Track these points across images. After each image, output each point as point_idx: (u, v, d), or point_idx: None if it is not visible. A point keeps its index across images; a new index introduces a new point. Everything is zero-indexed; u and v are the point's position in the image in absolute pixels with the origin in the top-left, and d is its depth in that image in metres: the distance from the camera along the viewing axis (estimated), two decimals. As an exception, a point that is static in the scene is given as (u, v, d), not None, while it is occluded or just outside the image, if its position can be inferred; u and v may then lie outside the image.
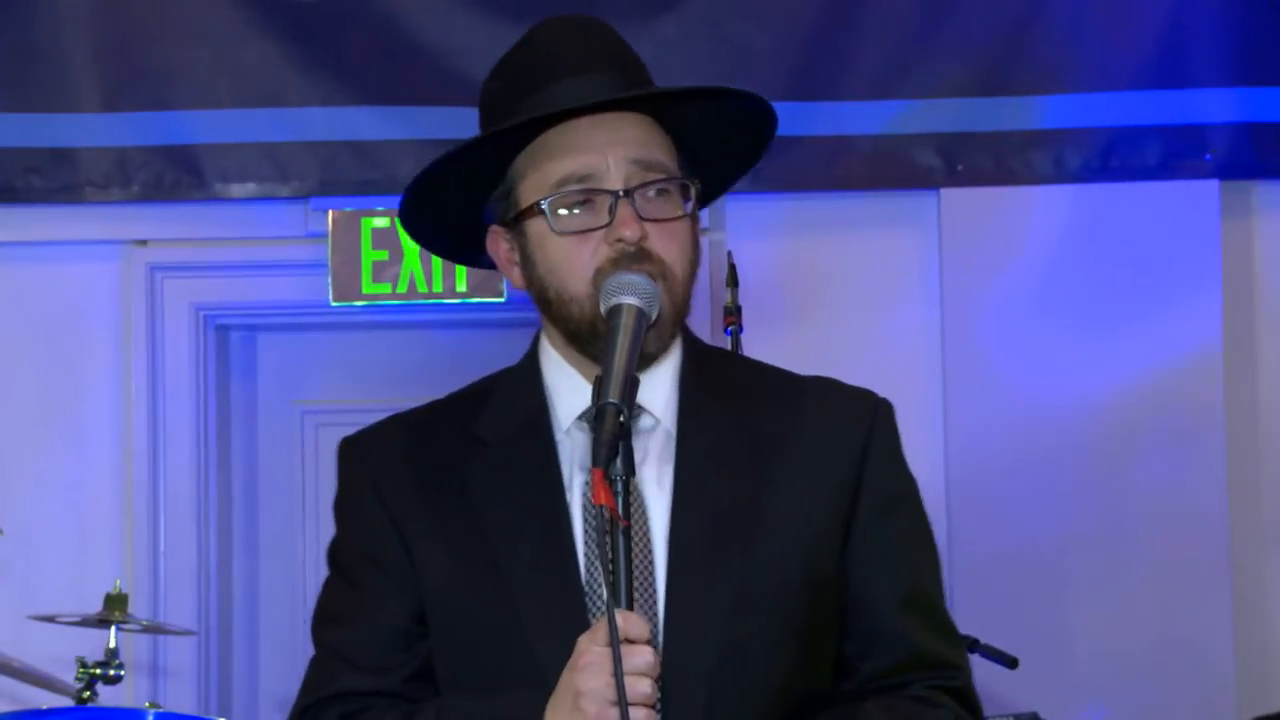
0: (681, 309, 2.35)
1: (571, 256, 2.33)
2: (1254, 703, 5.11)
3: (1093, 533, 5.20)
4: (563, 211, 2.33)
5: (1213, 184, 5.26)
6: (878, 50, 5.25)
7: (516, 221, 2.38)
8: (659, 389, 2.38)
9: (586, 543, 2.30)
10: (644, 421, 2.36)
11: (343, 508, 2.47)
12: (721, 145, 2.44)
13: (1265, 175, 5.31)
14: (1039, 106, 5.25)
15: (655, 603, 2.28)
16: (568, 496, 2.34)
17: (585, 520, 2.31)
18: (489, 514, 2.34)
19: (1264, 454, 5.30)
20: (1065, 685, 5.08)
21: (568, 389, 2.40)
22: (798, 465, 2.35)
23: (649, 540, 2.31)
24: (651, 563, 2.30)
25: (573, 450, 2.37)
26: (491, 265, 2.49)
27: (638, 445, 2.30)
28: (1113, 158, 5.26)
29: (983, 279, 5.26)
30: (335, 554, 2.46)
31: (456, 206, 2.45)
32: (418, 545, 2.36)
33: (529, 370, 2.47)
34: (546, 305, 2.38)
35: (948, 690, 2.36)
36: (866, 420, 2.39)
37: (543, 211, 2.33)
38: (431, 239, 2.56)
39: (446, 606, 2.34)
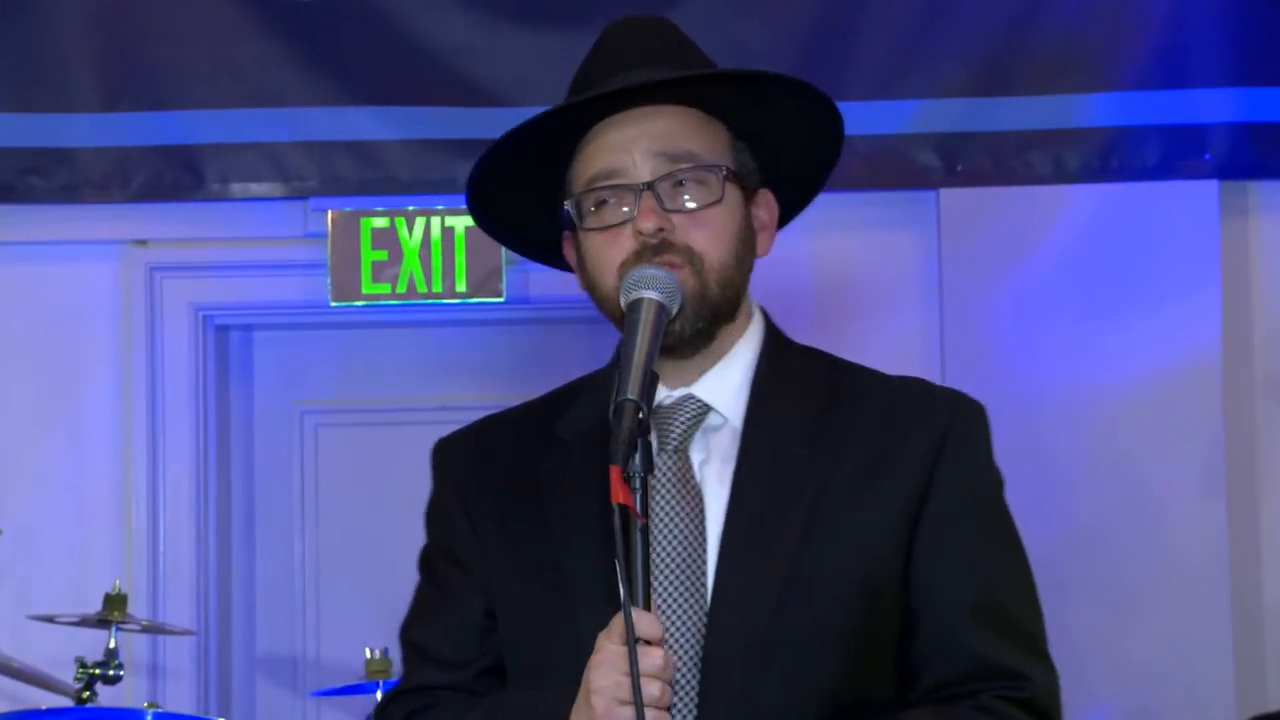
0: (718, 296, 2.33)
1: (603, 253, 2.34)
2: (1253, 703, 5.12)
3: (1092, 532, 5.20)
4: (595, 209, 2.34)
5: (1212, 184, 5.27)
6: (877, 50, 5.25)
7: (573, 224, 2.39)
8: (727, 386, 2.38)
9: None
10: (712, 419, 2.36)
11: (431, 509, 2.50)
12: (790, 134, 2.42)
13: (1264, 175, 5.32)
14: (1039, 106, 5.25)
15: (704, 600, 2.27)
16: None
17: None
18: (554, 515, 2.34)
19: (1261, 453, 5.31)
20: (1065, 685, 5.06)
21: None
22: (865, 466, 2.32)
23: (703, 538, 2.30)
24: (704, 560, 2.28)
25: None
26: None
27: (706, 443, 2.33)
28: (1112, 158, 5.26)
29: (983, 279, 5.26)
30: (423, 554, 2.50)
31: (541, 217, 2.45)
32: (490, 544, 2.38)
33: (610, 368, 2.44)
34: (596, 304, 2.39)
35: (1015, 701, 2.33)
36: (943, 422, 2.36)
37: (578, 209, 2.35)
38: (523, 246, 2.55)
39: (510, 606, 2.36)
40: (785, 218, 2.55)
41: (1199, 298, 5.23)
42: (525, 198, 2.44)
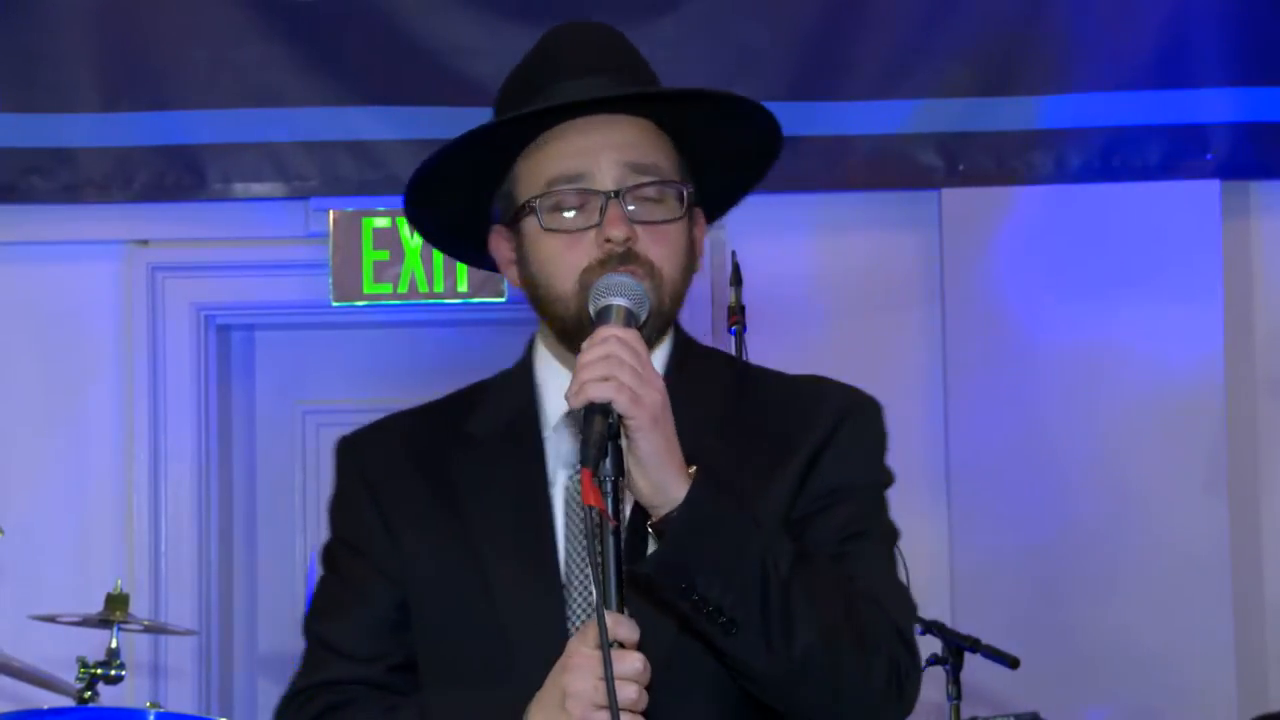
0: (669, 310, 2.36)
1: (561, 255, 2.34)
2: (1254, 703, 5.12)
3: (1093, 532, 5.20)
4: (554, 211, 2.35)
5: (1213, 184, 5.26)
6: (879, 50, 5.25)
7: (515, 220, 2.40)
8: None
9: (568, 540, 2.32)
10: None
11: (336, 504, 2.49)
12: (728, 153, 2.44)
13: (1265, 175, 5.32)
14: (1040, 106, 5.25)
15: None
16: (551, 493, 2.35)
17: (568, 518, 2.33)
18: (473, 509, 2.35)
19: (1263, 453, 5.31)
20: (1065, 685, 5.08)
21: (556, 387, 2.38)
22: (770, 459, 2.33)
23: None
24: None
25: (559, 447, 2.38)
26: (493, 266, 2.51)
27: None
28: (1113, 158, 5.26)
29: (984, 279, 5.26)
30: (327, 550, 2.48)
31: (461, 205, 2.47)
32: (405, 538, 2.38)
33: (522, 368, 2.48)
34: (538, 303, 2.40)
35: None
36: (835, 415, 2.36)
37: (533, 210, 2.35)
38: (436, 236, 2.58)
39: (428, 599, 2.36)
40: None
41: (1201, 298, 5.23)
42: (456, 194, 2.46)
